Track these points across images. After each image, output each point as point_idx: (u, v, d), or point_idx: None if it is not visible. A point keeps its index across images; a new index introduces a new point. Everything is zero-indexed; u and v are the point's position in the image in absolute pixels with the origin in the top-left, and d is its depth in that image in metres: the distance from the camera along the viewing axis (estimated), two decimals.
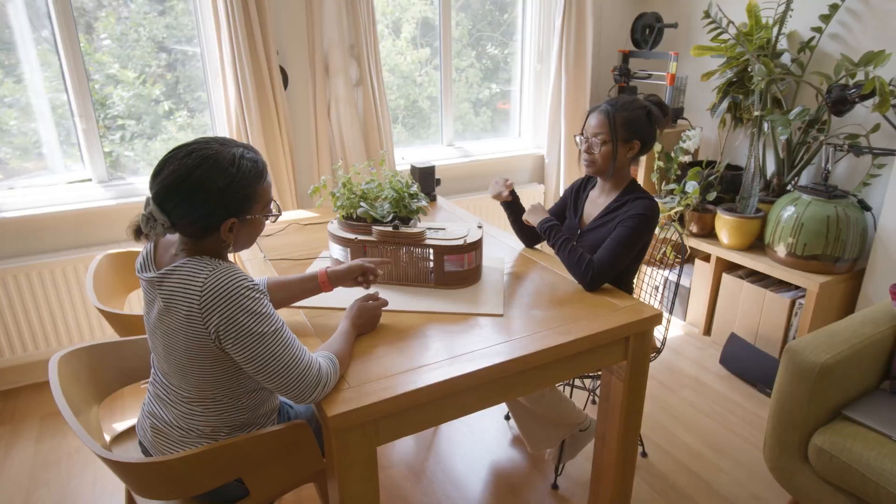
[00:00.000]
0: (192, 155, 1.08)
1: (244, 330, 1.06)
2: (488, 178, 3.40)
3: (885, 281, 2.34)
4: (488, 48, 3.26)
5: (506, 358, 1.29)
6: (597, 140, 1.69)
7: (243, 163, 1.11)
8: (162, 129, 2.59)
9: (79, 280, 2.43)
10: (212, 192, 1.07)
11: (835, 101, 2.35)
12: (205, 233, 1.11)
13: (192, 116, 2.61)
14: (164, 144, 2.61)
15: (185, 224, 1.09)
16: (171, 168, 1.07)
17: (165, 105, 2.57)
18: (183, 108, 2.60)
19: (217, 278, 1.06)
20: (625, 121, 1.67)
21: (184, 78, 2.58)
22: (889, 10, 2.38)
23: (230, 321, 1.05)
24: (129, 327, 1.62)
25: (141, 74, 2.51)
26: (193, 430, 1.19)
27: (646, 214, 1.65)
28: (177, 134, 2.63)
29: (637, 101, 1.71)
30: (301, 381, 1.10)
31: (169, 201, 1.07)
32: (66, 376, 1.30)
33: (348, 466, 1.18)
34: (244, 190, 1.11)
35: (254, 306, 1.07)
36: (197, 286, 1.06)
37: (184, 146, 1.10)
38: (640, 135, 1.69)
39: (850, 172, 2.61)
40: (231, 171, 1.09)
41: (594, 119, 1.71)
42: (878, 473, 1.45)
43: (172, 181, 1.06)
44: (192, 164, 1.07)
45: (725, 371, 2.67)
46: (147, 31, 2.45)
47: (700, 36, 3.18)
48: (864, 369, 1.68)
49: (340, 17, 2.62)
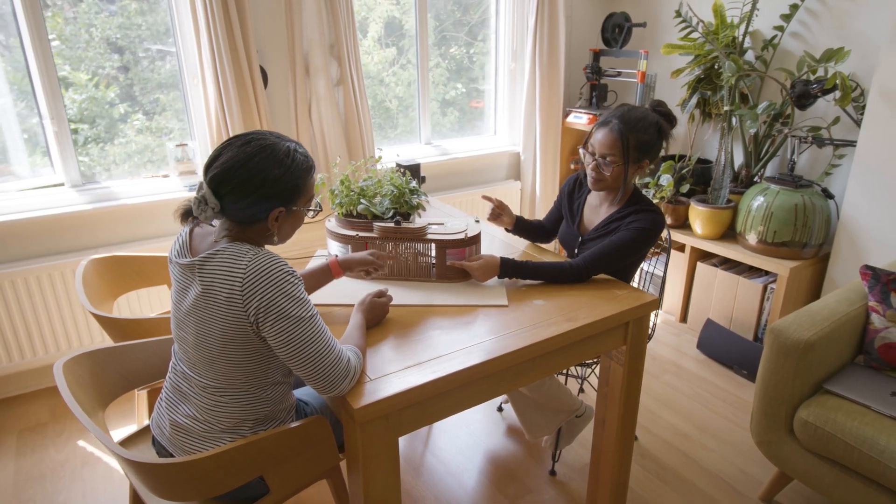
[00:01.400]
0: (250, 143, 1.12)
1: (283, 313, 1.08)
2: (467, 175, 3.44)
3: (849, 263, 2.49)
4: (452, 49, 3.29)
5: (523, 344, 1.32)
6: (606, 161, 1.63)
7: (297, 156, 1.16)
8: (119, 133, 2.50)
9: (55, 288, 2.34)
10: (266, 181, 1.11)
11: (798, 96, 2.48)
12: (253, 220, 1.14)
13: (150, 119, 2.53)
14: (122, 149, 2.51)
15: (236, 210, 1.12)
16: (230, 154, 1.10)
17: (121, 108, 2.49)
18: (139, 111, 2.51)
19: (260, 262, 1.09)
20: (638, 143, 1.61)
21: (139, 80, 2.49)
22: (845, 9, 2.53)
23: (271, 303, 1.07)
24: (127, 332, 1.58)
25: (94, 76, 2.42)
26: (217, 423, 1.19)
27: (651, 229, 1.63)
28: (136, 137, 2.54)
29: (648, 117, 1.64)
30: (332, 370, 1.11)
31: (224, 186, 1.10)
32: (70, 382, 1.27)
33: (372, 457, 1.19)
34: (295, 181, 1.15)
35: (294, 291, 1.10)
36: (240, 269, 1.08)
37: (242, 135, 1.14)
38: (651, 154, 1.65)
39: (812, 163, 2.77)
40: (286, 162, 1.13)
41: (604, 137, 1.63)
42: (860, 441, 1.55)
43: (230, 166, 1.09)
44: (251, 152, 1.10)
45: (703, 355, 2.78)
46: (100, 32, 2.36)
47: (667, 34, 3.30)
48: (842, 345, 1.79)
49: (321, 17, 2.61)
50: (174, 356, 1.27)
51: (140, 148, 2.54)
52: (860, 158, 2.36)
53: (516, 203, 3.59)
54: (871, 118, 2.30)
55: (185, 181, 2.65)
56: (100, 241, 2.49)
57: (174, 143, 2.63)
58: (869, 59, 2.49)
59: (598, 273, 1.65)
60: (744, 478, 2.01)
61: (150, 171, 2.64)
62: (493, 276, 1.62)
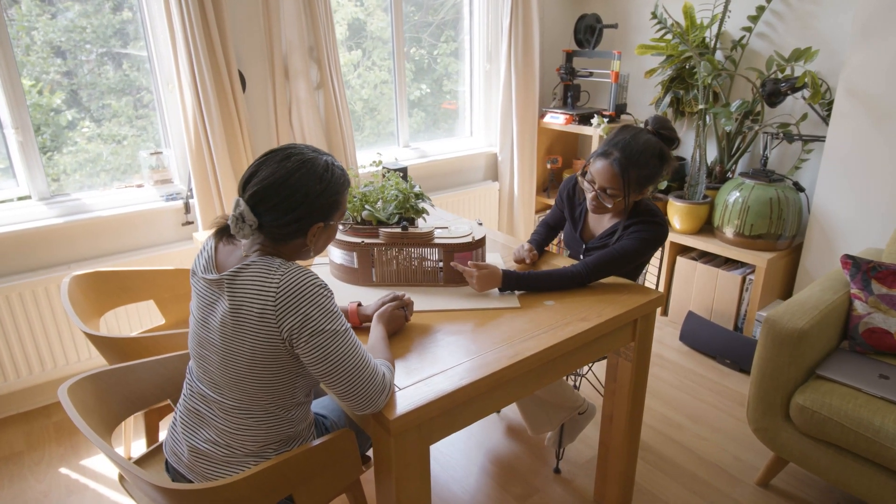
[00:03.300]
0: (290, 159, 1.08)
1: (318, 328, 1.05)
2: (446, 177, 3.44)
3: (821, 253, 2.61)
4: (413, 50, 3.25)
5: (546, 345, 1.33)
6: (607, 193, 1.61)
7: (335, 170, 1.13)
8: (67, 141, 2.34)
9: (26, 308, 2.21)
10: (308, 196, 1.08)
11: (769, 94, 2.59)
12: (292, 236, 1.11)
13: (100, 126, 2.40)
14: (73, 157, 2.37)
15: (275, 227, 1.08)
16: (269, 170, 1.07)
17: (68, 115, 2.34)
18: (86, 118, 2.36)
19: (292, 276, 1.05)
20: (639, 177, 1.58)
21: (86, 84, 2.34)
22: (808, 11, 2.66)
23: (306, 318, 1.04)
24: (127, 352, 1.51)
25: (37, 82, 2.27)
26: (240, 448, 1.14)
27: (653, 240, 1.63)
28: (87, 146, 2.39)
29: (649, 147, 1.57)
30: (368, 386, 1.08)
31: (264, 203, 1.06)
32: (78, 408, 1.20)
33: (405, 468, 1.18)
34: (334, 196, 1.13)
35: (328, 305, 1.07)
36: (272, 284, 1.04)
37: (279, 150, 1.10)
38: (653, 183, 1.63)
39: (781, 157, 2.89)
40: (326, 177, 1.10)
41: (605, 170, 1.59)
42: (856, 423, 1.63)
43: (271, 183, 1.06)
44: (292, 168, 1.07)
45: (686, 347, 2.87)
46: (42, 35, 2.22)
47: (638, 35, 3.38)
48: (830, 332, 1.87)
49: (300, 19, 2.55)
50: (191, 376, 1.22)
51: (92, 156, 2.40)
52: (829, 153, 2.48)
53: (494, 204, 3.61)
54: (839, 114, 2.42)
55: (161, 190, 2.55)
56: (74, 256, 2.36)
57: (148, 152, 2.53)
58: (832, 59, 2.62)
59: (598, 280, 1.66)
60: (739, 464, 2.08)
61: (117, 179, 2.50)
62: (493, 287, 1.58)
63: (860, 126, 2.37)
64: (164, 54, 2.42)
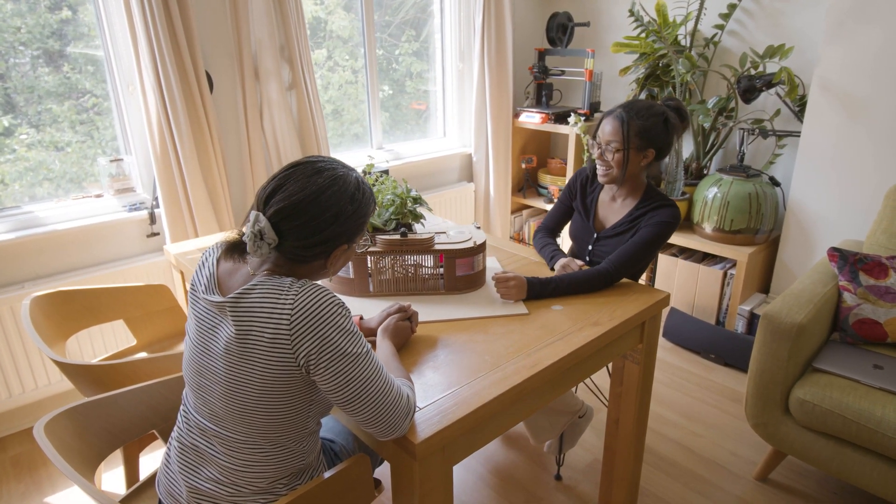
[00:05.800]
0: (322, 174, 0.97)
1: (339, 351, 0.95)
2: (421, 179, 3.35)
3: (798, 246, 2.66)
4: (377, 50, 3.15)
5: (566, 352, 1.27)
6: (610, 148, 1.65)
7: (365, 189, 1.03)
8: (4, 149, 2.14)
9: None
10: (339, 217, 0.97)
11: (744, 90, 2.62)
12: (314, 258, 1.00)
13: (39, 131, 2.21)
14: (12, 166, 2.17)
15: (298, 247, 0.96)
16: (298, 185, 0.95)
17: (4, 121, 2.14)
18: (24, 123, 2.15)
19: (307, 296, 0.94)
20: (640, 129, 1.62)
21: (22, 88, 2.14)
22: (777, 8, 2.71)
23: (325, 341, 0.94)
24: (104, 380, 1.37)
25: None
26: (247, 486, 1.03)
27: (670, 222, 1.65)
28: (28, 153, 2.20)
29: (654, 108, 1.65)
30: (393, 410, 0.99)
31: (290, 221, 0.94)
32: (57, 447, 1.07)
33: (429, 493, 1.09)
34: (363, 217, 1.03)
35: (347, 325, 0.97)
36: (286, 305, 0.93)
37: (306, 163, 0.99)
38: (656, 143, 1.65)
39: (755, 153, 2.94)
40: (357, 197, 1.01)
41: (608, 125, 1.66)
42: (857, 414, 1.64)
43: (300, 200, 0.94)
44: (324, 184, 0.96)
45: (670, 343, 2.88)
46: None
47: (610, 33, 3.39)
48: (822, 325, 1.89)
49: (269, 16, 2.42)
50: (186, 405, 1.10)
51: (34, 164, 2.19)
52: (804, 148, 2.53)
53: (470, 205, 3.55)
54: (813, 110, 2.47)
55: (122, 200, 2.37)
56: (29, 274, 2.17)
57: (108, 159, 2.35)
58: (803, 55, 2.68)
59: (626, 272, 1.62)
60: (736, 460, 2.08)
61: (69, 189, 2.31)
62: (522, 297, 1.54)
63: (834, 121, 2.42)
64: (123, 54, 2.25)
